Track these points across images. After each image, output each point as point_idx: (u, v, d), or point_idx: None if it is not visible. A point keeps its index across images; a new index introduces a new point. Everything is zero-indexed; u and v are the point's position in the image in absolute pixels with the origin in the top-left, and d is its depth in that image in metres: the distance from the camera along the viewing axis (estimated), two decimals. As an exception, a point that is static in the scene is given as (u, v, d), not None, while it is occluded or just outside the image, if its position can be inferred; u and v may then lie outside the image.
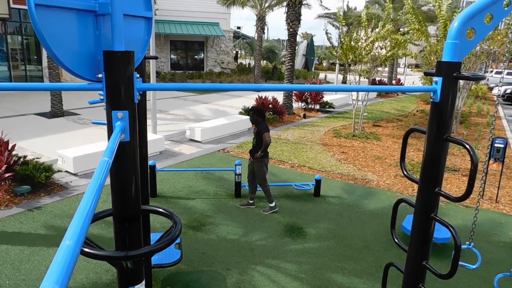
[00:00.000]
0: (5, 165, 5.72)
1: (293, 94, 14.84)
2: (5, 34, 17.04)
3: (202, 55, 26.92)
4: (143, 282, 2.18)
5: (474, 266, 2.91)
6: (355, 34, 11.17)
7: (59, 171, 6.82)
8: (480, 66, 11.33)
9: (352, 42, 10.88)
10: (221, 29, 25.23)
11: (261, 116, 5.79)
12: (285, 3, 14.72)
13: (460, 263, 2.12)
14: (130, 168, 1.99)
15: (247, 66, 31.22)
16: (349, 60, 11.29)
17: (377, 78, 23.34)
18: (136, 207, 2.08)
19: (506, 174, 8.05)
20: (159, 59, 24.25)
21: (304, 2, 15.32)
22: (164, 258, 4.02)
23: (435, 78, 2.10)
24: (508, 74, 27.11)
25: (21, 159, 6.32)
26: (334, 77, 22.70)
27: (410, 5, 10.26)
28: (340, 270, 4.45)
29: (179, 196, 6.30)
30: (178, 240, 4.08)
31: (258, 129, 5.75)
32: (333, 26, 12.76)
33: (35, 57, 18.46)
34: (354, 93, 12.64)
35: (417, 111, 17.41)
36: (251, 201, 6.01)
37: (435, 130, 2.14)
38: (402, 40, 10.60)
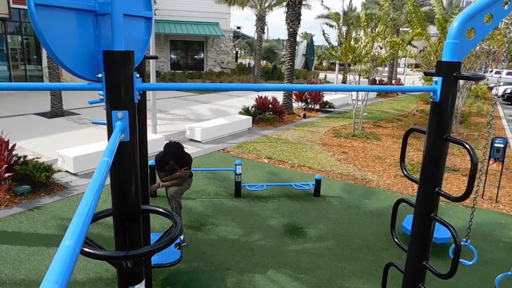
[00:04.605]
0: (5, 165, 5.72)
1: (293, 94, 14.84)
2: (5, 34, 17.04)
3: (202, 55, 26.92)
4: (143, 282, 2.18)
5: (470, 263, 2.92)
6: (354, 33, 11.17)
7: (59, 171, 6.82)
8: (480, 66, 11.33)
9: (352, 42, 10.88)
10: (221, 29, 25.24)
11: None
12: (285, 3, 14.72)
13: None
14: (130, 168, 1.99)
15: (247, 66, 31.23)
16: (348, 60, 11.29)
17: (377, 78, 23.35)
18: (136, 207, 2.08)
19: (506, 174, 8.05)
20: (159, 59, 24.26)
21: (304, 2, 15.31)
22: (164, 258, 4.02)
23: (435, 78, 2.10)
24: (507, 74, 27.13)
25: (21, 159, 6.32)
26: (334, 77, 22.71)
27: (411, 2, 10.26)
28: (340, 270, 4.45)
29: (179, 196, 6.29)
30: (178, 240, 4.08)
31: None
32: (331, 26, 12.77)
33: (35, 57, 18.46)
34: (354, 93, 12.65)
35: (417, 111, 17.42)
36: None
37: (435, 130, 2.14)
38: (400, 42, 10.60)
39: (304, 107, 15.77)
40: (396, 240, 2.57)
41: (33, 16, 1.61)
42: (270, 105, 12.78)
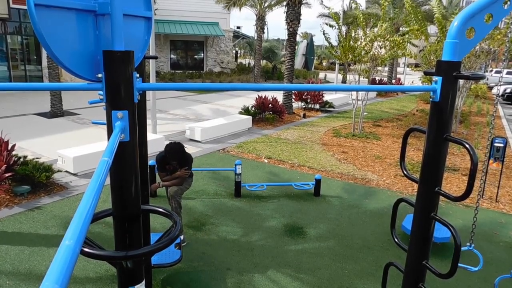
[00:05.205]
0: (5, 165, 5.72)
1: (292, 93, 14.84)
2: (5, 34, 17.03)
3: (202, 54, 26.92)
4: (143, 282, 2.18)
5: (476, 269, 2.89)
6: (353, 33, 11.17)
7: (59, 171, 6.82)
8: (479, 65, 11.33)
9: (351, 42, 10.89)
10: (220, 29, 25.23)
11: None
12: (284, 3, 14.71)
13: (461, 265, 2.12)
14: (130, 168, 1.99)
15: (247, 65, 31.22)
16: (348, 60, 11.29)
17: (377, 78, 23.35)
18: (136, 207, 2.08)
19: (506, 174, 8.05)
20: (159, 59, 24.25)
21: (304, 2, 15.32)
22: (164, 258, 4.02)
23: (434, 78, 2.10)
24: (507, 73, 27.12)
25: (21, 159, 6.32)
26: (334, 76, 22.71)
27: (409, 3, 10.26)
28: (340, 270, 4.45)
29: (179, 196, 6.29)
30: (178, 240, 4.08)
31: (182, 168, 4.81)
32: (330, 26, 12.81)
33: (35, 57, 18.46)
34: (354, 93, 12.65)
35: (416, 110, 17.42)
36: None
37: (435, 129, 2.14)
38: (401, 41, 10.60)
39: (304, 106, 15.77)
40: (396, 240, 2.57)
41: (33, 16, 1.60)
42: (270, 105, 12.78)
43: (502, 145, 6.53)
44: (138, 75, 1.95)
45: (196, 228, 5.25)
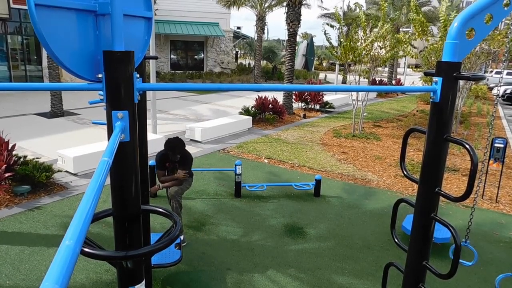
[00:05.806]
0: (5, 165, 5.72)
1: (293, 94, 14.84)
2: (5, 34, 17.04)
3: (202, 55, 26.93)
4: (143, 282, 2.18)
5: (470, 263, 2.91)
6: (353, 33, 11.17)
7: (59, 171, 6.82)
8: (480, 66, 11.32)
9: (351, 43, 10.89)
10: (221, 29, 25.24)
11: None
12: (285, 3, 14.72)
13: None
14: (130, 168, 1.99)
15: (247, 66, 31.24)
16: (348, 60, 11.29)
17: (377, 78, 23.35)
18: (136, 207, 2.08)
19: (506, 174, 8.05)
20: (159, 59, 24.25)
21: (304, 2, 15.33)
22: (164, 258, 4.02)
23: (435, 78, 2.10)
24: (507, 74, 27.12)
25: (21, 159, 6.32)
26: (334, 77, 22.70)
27: (414, 2, 10.27)
28: (340, 270, 4.45)
29: (179, 196, 6.28)
30: (178, 240, 4.08)
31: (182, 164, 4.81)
32: (331, 26, 12.84)
33: (35, 57, 18.46)
34: (354, 93, 12.65)
35: (417, 111, 17.42)
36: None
37: (435, 130, 2.15)
38: (404, 39, 10.60)
39: (304, 107, 15.77)
40: (396, 240, 2.57)
41: (33, 16, 1.61)
42: (270, 105, 12.78)
43: (502, 145, 6.53)
44: (138, 75, 1.95)
45: (196, 228, 5.26)
